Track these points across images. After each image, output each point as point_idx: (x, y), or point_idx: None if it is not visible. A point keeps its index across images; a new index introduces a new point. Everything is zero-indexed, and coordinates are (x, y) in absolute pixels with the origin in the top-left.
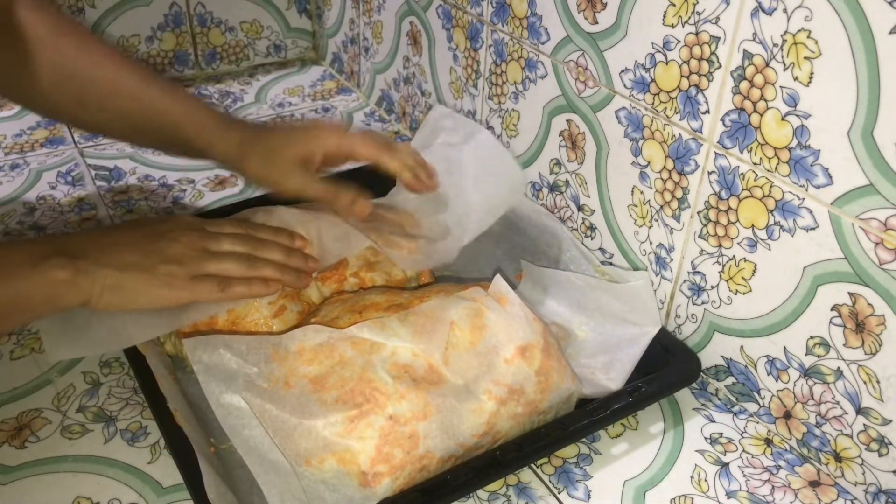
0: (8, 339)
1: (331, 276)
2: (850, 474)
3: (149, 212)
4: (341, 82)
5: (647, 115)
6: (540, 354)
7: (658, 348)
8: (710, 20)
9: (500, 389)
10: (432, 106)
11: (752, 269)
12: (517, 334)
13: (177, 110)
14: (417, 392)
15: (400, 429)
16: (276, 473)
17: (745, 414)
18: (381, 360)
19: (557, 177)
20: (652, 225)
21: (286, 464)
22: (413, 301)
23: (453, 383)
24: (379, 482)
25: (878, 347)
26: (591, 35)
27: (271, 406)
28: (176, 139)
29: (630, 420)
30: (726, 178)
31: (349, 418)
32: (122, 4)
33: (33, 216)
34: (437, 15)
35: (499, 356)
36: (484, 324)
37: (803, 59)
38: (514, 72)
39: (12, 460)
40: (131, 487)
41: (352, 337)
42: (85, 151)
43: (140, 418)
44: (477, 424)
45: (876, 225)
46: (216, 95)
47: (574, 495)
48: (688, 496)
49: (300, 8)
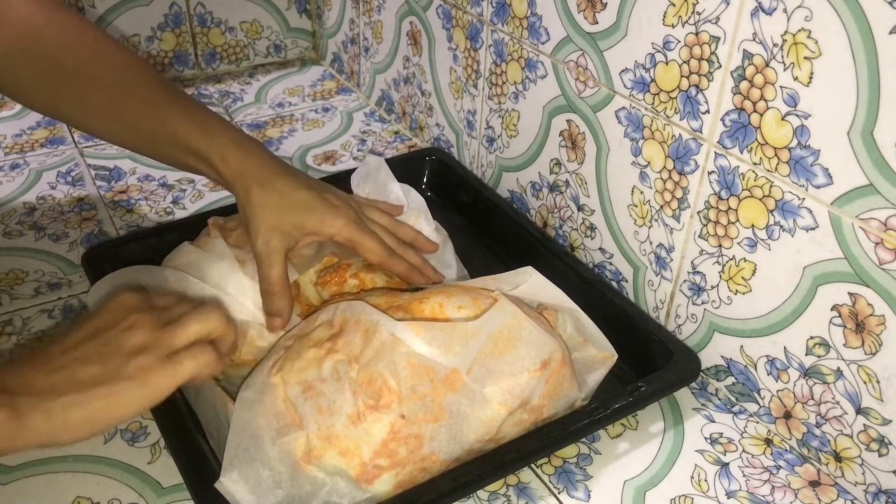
0: (8, 339)
1: (330, 280)
2: (850, 474)
3: (148, 212)
4: (341, 82)
5: (647, 115)
6: (557, 366)
7: (658, 348)
8: (710, 20)
9: (514, 400)
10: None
11: (752, 269)
12: (545, 347)
13: (186, 123)
14: (434, 396)
15: (408, 428)
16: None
17: (745, 414)
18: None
19: (557, 177)
20: (652, 225)
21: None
22: (413, 302)
23: (471, 389)
24: (378, 476)
25: (878, 347)
26: (591, 35)
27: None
28: (180, 154)
29: (630, 420)
30: (726, 178)
31: (367, 407)
32: (122, 4)
33: (33, 216)
34: (437, 15)
35: (524, 368)
36: (520, 336)
37: (803, 59)
38: (514, 72)
39: (12, 460)
40: (131, 487)
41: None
42: (85, 151)
43: (140, 418)
44: (485, 431)
45: (876, 225)
46: (216, 95)
47: (574, 495)
48: (688, 496)
49: (300, 8)
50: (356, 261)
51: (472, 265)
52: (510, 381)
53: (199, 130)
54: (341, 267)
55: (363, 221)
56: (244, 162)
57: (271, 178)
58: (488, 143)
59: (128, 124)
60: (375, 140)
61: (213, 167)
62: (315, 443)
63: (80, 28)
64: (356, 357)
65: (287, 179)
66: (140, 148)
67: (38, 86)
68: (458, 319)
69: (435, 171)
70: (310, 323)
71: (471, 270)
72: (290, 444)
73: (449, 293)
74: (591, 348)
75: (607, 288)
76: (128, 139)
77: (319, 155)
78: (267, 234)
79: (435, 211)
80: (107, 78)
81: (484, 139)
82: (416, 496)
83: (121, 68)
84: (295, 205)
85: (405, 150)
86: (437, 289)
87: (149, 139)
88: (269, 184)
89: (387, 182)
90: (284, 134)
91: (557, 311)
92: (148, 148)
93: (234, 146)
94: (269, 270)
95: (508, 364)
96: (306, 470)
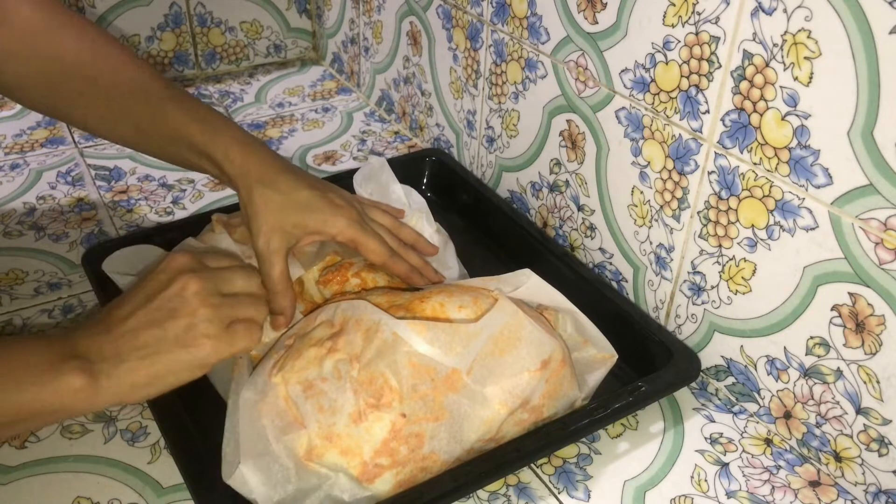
0: None
1: (333, 278)
2: (850, 474)
3: (148, 212)
4: (341, 82)
5: (647, 115)
6: (557, 366)
7: (658, 348)
8: (710, 20)
9: (515, 400)
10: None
11: (752, 269)
12: (545, 347)
13: (190, 120)
14: (435, 395)
15: (409, 427)
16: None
17: (745, 414)
18: (407, 357)
19: (557, 177)
20: (652, 225)
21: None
22: (414, 302)
23: (472, 389)
24: (379, 475)
25: (878, 347)
26: (591, 35)
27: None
28: (182, 150)
29: (630, 420)
30: (726, 178)
31: (368, 406)
32: (122, 4)
33: (33, 216)
34: (437, 15)
35: (524, 368)
36: (520, 336)
37: (803, 59)
38: (514, 72)
39: (12, 460)
40: (131, 487)
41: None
42: (85, 151)
43: (140, 418)
44: (485, 431)
45: (876, 225)
46: (216, 95)
47: (574, 495)
48: (688, 496)
49: (300, 8)
50: (358, 260)
51: (472, 265)
52: (510, 381)
53: (202, 127)
54: (343, 266)
55: (366, 222)
56: (247, 160)
57: (274, 176)
58: (488, 143)
59: (130, 122)
60: (375, 140)
61: (215, 164)
62: (316, 442)
63: (81, 29)
64: (357, 356)
65: (290, 178)
66: (142, 146)
67: (39, 86)
68: (459, 319)
69: (435, 172)
70: (310, 321)
71: (471, 271)
72: (292, 443)
73: (450, 293)
74: (591, 348)
75: (607, 288)
76: (129, 137)
77: (319, 155)
78: (268, 234)
79: (435, 211)
80: (108, 77)
81: (484, 139)
82: (416, 495)
83: (122, 68)
84: (297, 204)
85: (405, 151)
86: (438, 288)
87: (151, 137)
88: (272, 183)
89: (389, 183)
90: (284, 134)
91: (557, 312)
92: (150, 146)
93: (237, 144)
94: (270, 269)
95: (509, 364)
96: (309, 467)
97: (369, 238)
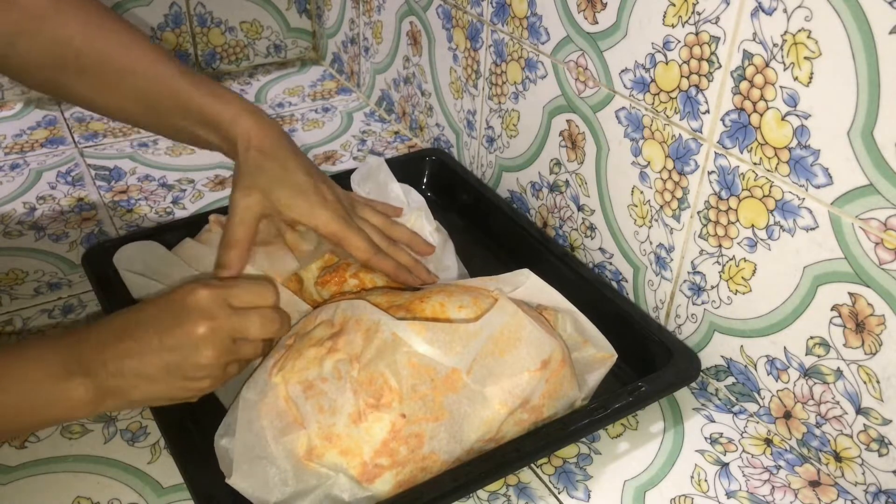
0: (8, 339)
1: (330, 279)
2: (850, 474)
3: (148, 212)
4: (341, 82)
5: (647, 115)
6: (557, 366)
7: (658, 348)
8: (710, 20)
9: (515, 400)
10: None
11: (752, 269)
12: (545, 347)
13: (201, 94)
14: (435, 395)
15: (409, 428)
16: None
17: (745, 414)
18: (407, 357)
19: (557, 177)
20: (652, 225)
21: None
22: (414, 302)
23: (472, 389)
24: (379, 475)
25: (878, 347)
26: (591, 35)
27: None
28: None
29: (630, 420)
30: (726, 178)
31: (368, 407)
32: (122, 4)
33: (33, 216)
34: (437, 15)
35: (524, 368)
36: (520, 336)
37: (803, 59)
38: (514, 72)
39: (12, 460)
40: (131, 487)
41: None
42: (85, 151)
43: (140, 418)
44: (485, 431)
45: (876, 225)
46: None
47: (574, 495)
48: (688, 496)
49: (300, 8)
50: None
51: (471, 265)
52: (510, 381)
53: (213, 99)
54: (341, 267)
55: (352, 219)
56: (255, 125)
57: (276, 150)
58: (488, 143)
59: (139, 100)
60: (375, 140)
61: (222, 130)
62: (316, 442)
63: (86, 8)
64: (357, 356)
65: (291, 158)
66: (147, 122)
67: (45, 68)
68: (459, 319)
69: (435, 172)
70: (310, 321)
71: (471, 271)
72: (292, 444)
73: (450, 292)
74: (590, 348)
75: (607, 288)
76: (138, 114)
77: (319, 155)
78: (250, 190)
79: (435, 211)
80: (115, 54)
81: (484, 139)
82: (416, 495)
83: (129, 45)
84: (289, 183)
85: (405, 150)
86: (437, 288)
87: (160, 113)
88: (272, 153)
89: (387, 182)
90: None
91: (557, 312)
92: (158, 122)
93: (248, 112)
94: (236, 227)
95: (509, 364)
96: (309, 467)
97: (353, 234)
